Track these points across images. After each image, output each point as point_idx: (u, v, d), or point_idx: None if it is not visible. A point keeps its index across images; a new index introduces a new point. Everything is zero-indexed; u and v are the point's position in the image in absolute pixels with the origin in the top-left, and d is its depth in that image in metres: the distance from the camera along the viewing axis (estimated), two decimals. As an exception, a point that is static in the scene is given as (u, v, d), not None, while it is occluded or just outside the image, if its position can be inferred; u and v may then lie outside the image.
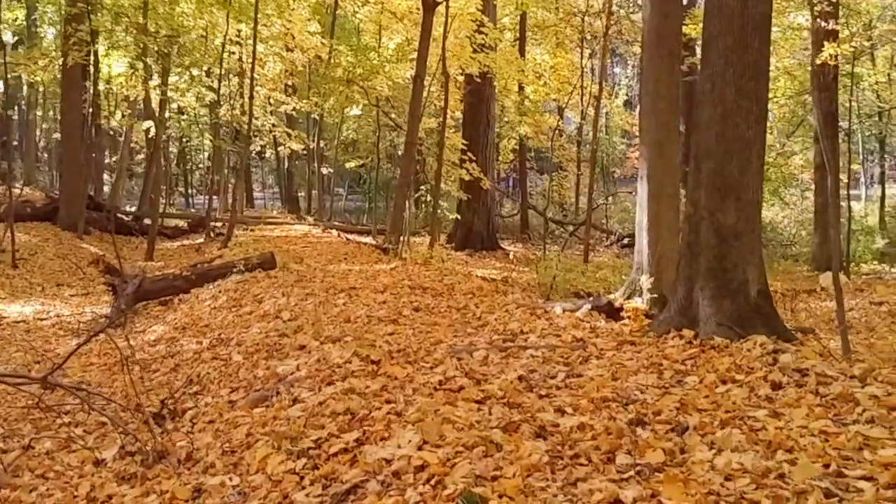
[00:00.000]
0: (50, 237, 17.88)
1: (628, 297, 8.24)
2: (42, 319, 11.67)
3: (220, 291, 10.98)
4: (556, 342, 6.49)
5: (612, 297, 8.36)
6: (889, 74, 24.43)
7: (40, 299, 13.26)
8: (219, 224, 20.69)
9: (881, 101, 25.19)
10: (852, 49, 17.21)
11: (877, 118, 26.11)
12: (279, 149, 27.64)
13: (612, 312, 7.80)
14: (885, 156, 29.18)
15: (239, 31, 22.28)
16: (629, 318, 7.58)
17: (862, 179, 32.69)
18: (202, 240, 19.53)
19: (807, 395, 4.63)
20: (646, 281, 8.00)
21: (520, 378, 5.29)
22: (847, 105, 22.71)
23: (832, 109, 18.33)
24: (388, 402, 4.90)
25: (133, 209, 24.72)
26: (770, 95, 23.89)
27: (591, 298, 8.04)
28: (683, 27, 10.22)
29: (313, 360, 6.20)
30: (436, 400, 4.80)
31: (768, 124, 26.54)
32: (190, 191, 37.21)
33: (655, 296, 7.93)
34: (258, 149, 28.44)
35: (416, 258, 13.58)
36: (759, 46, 6.45)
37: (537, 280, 13.72)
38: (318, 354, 6.35)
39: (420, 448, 3.98)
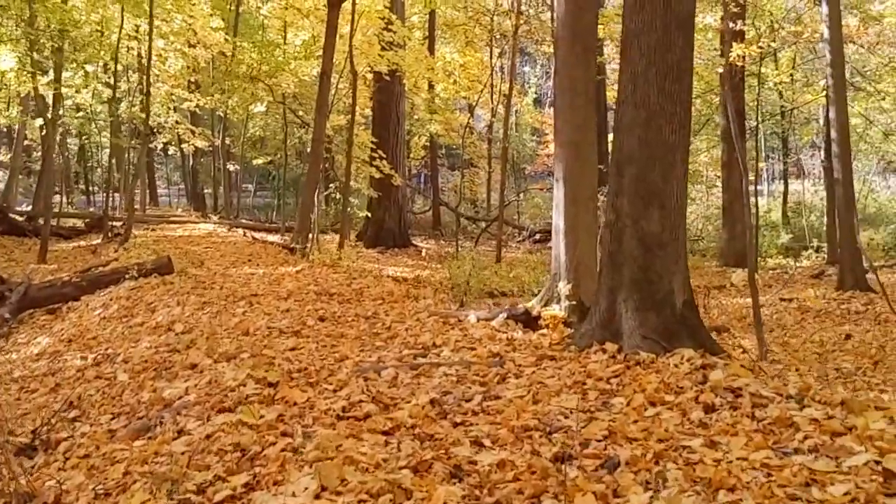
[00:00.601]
0: (-67, 239, 16.73)
1: (545, 304, 7.80)
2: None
3: (111, 299, 10.19)
4: (472, 357, 5.99)
5: (528, 304, 7.90)
6: (792, 75, 24.66)
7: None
8: (119, 224, 19.68)
9: (784, 100, 25.49)
10: (759, 49, 17.20)
11: (779, 117, 26.42)
12: (183, 146, 26.58)
13: (530, 321, 7.35)
14: (788, 153, 29.61)
15: (137, 26, 21.28)
16: (548, 327, 7.14)
17: (765, 176, 33.28)
18: (99, 241, 18.51)
19: (742, 419, 4.21)
20: (564, 287, 7.56)
21: (432, 402, 4.76)
22: (752, 104, 22.90)
23: (740, 108, 18.34)
24: (284, 434, 4.30)
25: (29, 209, 23.42)
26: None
27: (507, 307, 7.56)
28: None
29: (204, 383, 5.57)
30: (338, 432, 4.23)
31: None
32: (91, 188, 35.65)
33: (574, 303, 7.50)
34: (160, 146, 27.28)
35: (324, 259, 12.95)
36: (683, 46, 6.05)
37: (450, 281, 13.26)
38: (211, 375, 5.72)
39: (317, 497, 3.43)
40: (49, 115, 17.87)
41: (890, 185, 33.40)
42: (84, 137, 31.93)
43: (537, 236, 24.56)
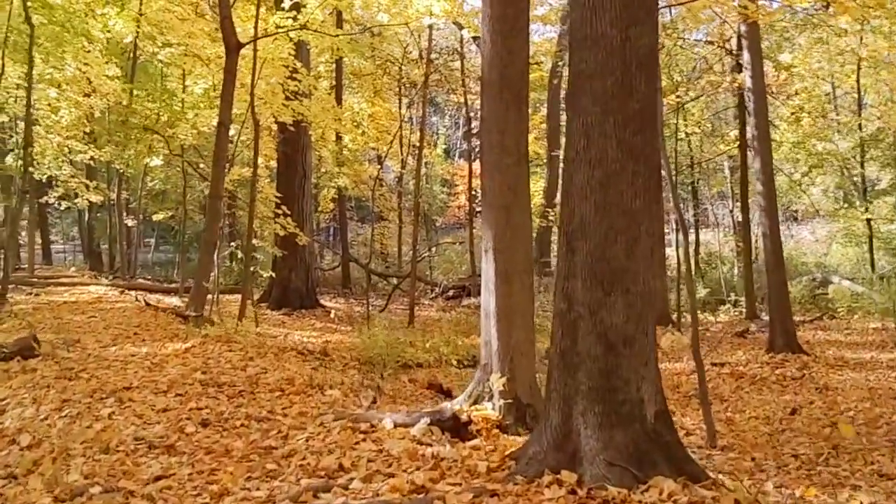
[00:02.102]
0: None
1: (475, 402, 6.35)
2: None
3: (-42, 392, 8.37)
4: (388, 492, 4.49)
5: (455, 404, 6.41)
6: (700, 125, 24.06)
7: None
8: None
9: (692, 151, 24.86)
10: (677, 99, 16.31)
11: (689, 168, 25.71)
12: (76, 201, 24.46)
13: (458, 428, 5.85)
14: (697, 204, 28.99)
15: (25, 73, 19.36)
16: (480, 435, 5.71)
17: (673, 226, 32.65)
18: (-27, 308, 16.38)
19: None
20: (496, 381, 6.12)
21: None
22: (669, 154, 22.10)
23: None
24: None
25: None
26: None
27: (428, 411, 6.03)
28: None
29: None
30: None
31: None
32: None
33: (510, 401, 6.07)
34: (53, 200, 25.11)
35: (219, 333, 11.24)
36: (646, 89, 4.73)
37: (362, 353, 11.76)
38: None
39: None
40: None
41: (793, 233, 33.02)
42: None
43: (450, 293, 23.24)
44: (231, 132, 17.29)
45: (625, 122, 4.66)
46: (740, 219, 22.35)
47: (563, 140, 24.61)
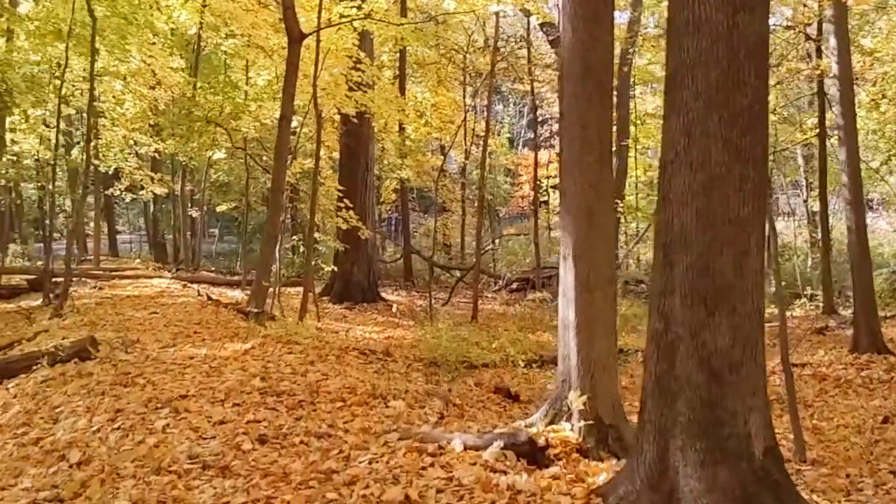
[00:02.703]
0: None
1: (552, 421, 5.82)
2: None
3: (14, 396, 8.08)
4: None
5: (530, 424, 5.87)
6: (775, 111, 23.03)
7: None
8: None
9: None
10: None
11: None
12: (141, 193, 24.43)
13: (534, 452, 5.32)
14: (771, 194, 27.88)
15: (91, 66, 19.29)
16: (559, 460, 5.18)
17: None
18: (40, 301, 16.28)
19: None
20: (576, 399, 5.56)
21: None
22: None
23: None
24: None
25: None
26: (655, 133, 22.22)
27: (502, 433, 5.49)
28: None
29: None
30: None
31: (654, 163, 24.99)
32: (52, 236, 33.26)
33: (591, 422, 5.53)
34: (118, 192, 25.14)
35: (279, 331, 10.86)
36: (756, 82, 4.13)
37: (426, 353, 11.29)
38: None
39: None
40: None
41: (868, 223, 31.61)
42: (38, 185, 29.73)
43: (514, 285, 22.68)
44: (294, 124, 16.98)
45: (731, 119, 4.06)
46: (816, 209, 21.37)
47: (633, 130, 23.92)
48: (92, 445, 5.98)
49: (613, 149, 6.22)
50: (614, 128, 24.96)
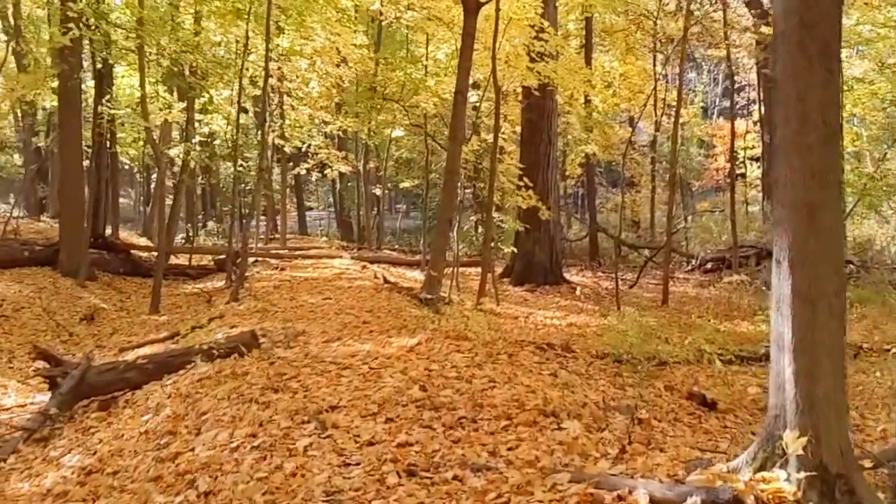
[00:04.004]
0: (47, 286, 14.83)
1: (761, 467, 4.64)
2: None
3: (168, 396, 7.64)
4: None
5: (734, 469, 4.69)
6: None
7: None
8: (251, 260, 17.38)
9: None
10: None
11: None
12: (326, 171, 24.43)
13: (740, 514, 4.19)
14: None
15: (277, 45, 19.23)
16: (773, 530, 4.03)
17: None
18: (223, 283, 16.30)
19: None
20: (793, 442, 4.34)
21: None
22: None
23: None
24: None
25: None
26: (864, 100, 20.01)
27: (699, 488, 4.34)
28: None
29: None
30: None
31: (862, 132, 22.53)
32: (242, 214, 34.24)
33: (812, 472, 4.32)
34: (304, 171, 25.32)
35: (449, 325, 10.05)
36: None
37: (609, 348, 10.16)
38: None
39: None
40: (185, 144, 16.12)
41: None
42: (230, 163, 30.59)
43: (708, 265, 21.00)
44: (473, 99, 16.16)
45: None
46: None
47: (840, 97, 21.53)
48: (225, 469, 5.32)
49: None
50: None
